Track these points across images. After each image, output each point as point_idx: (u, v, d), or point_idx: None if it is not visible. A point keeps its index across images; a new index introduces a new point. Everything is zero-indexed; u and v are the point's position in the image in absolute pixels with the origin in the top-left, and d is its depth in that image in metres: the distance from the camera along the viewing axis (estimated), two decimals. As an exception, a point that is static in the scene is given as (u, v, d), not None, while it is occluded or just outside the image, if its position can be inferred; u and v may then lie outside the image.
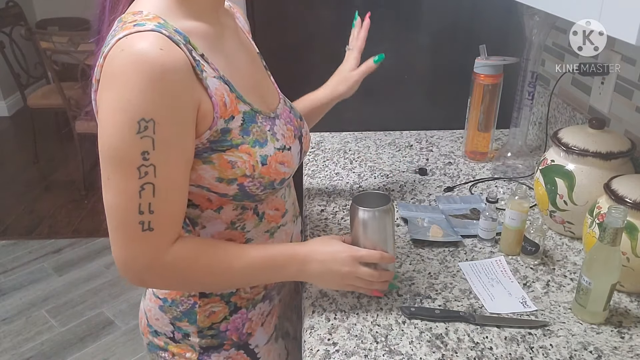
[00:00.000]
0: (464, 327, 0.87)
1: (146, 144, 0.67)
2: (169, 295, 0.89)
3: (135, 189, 0.69)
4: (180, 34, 0.71)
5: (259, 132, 0.80)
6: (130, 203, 0.69)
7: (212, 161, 0.76)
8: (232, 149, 0.76)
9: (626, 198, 0.88)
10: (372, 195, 0.90)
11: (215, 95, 0.74)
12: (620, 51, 1.13)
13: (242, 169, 0.77)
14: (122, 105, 0.66)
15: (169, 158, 0.70)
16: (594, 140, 1.02)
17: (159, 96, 0.67)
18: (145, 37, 0.67)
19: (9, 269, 2.71)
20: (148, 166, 0.68)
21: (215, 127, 0.74)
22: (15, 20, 3.76)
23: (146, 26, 0.69)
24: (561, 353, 0.81)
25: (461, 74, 1.44)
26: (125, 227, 0.71)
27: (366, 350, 0.82)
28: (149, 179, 0.69)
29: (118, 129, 0.67)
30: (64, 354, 2.19)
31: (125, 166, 0.68)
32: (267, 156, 0.79)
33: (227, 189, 0.78)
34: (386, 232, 0.88)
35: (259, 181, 0.79)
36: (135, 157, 0.68)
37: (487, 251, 1.06)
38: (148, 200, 0.70)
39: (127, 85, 0.66)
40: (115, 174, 0.69)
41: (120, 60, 0.66)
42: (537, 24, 1.22)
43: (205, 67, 0.73)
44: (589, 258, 0.85)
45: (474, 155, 1.43)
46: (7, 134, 4.35)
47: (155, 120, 0.67)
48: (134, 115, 0.66)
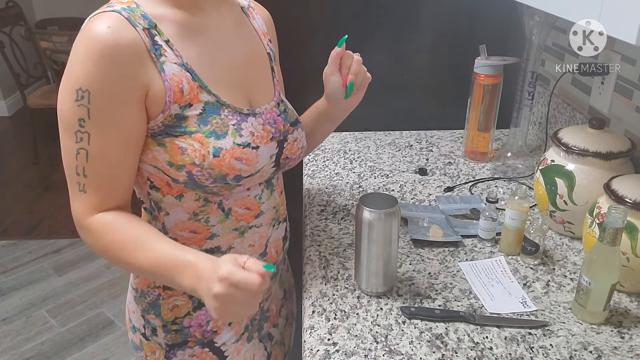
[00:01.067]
0: (464, 327, 0.87)
1: (82, 112, 0.73)
2: (139, 285, 0.91)
3: (73, 151, 0.75)
4: (146, 19, 0.76)
5: (220, 124, 0.80)
6: (71, 162, 0.76)
7: (164, 144, 0.78)
8: (184, 135, 0.78)
9: (626, 198, 0.88)
10: (378, 196, 0.90)
11: (170, 80, 0.76)
12: (620, 51, 1.13)
13: (191, 157, 0.78)
14: (68, 74, 0.73)
15: (104, 129, 0.74)
16: (594, 140, 1.02)
17: (96, 69, 0.71)
18: (102, 17, 0.73)
19: (9, 269, 2.71)
20: (83, 132, 0.74)
21: (168, 111, 0.77)
22: (15, 20, 3.76)
23: (113, 7, 0.75)
24: (561, 353, 0.81)
25: (461, 74, 1.45)
26: (70, 182, 0.78)
27: (366, 350, 0.82)
28: (84, 145, 0.74)
29: (62, 94, 0.74)
30: (64, 354, 2.19)
31: (66, 128, 0.75)
32: (222, 149, 0.79)
33: (177, 174, 0.80)
34: (391, 234, 0.88)
35: (208, 172, 0.79)
36: (73, 122, 0.74)
37: (487, 251, 1.06)
38: (82, 164, 0.76)
39: (74, 56, 0.73)
40: (61, 133, 0.76)
41: (79, 37, 0.74)
42: (537, 24, 1.22)
43: (167, 53, 0.77)
44: (589, 258, 0.85)
45: (474, 155, 1.43)
46: (7, 134, 4.35)
47: (90, 91, 0.72)
48: (74, 84, 0.72)
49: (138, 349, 0.96)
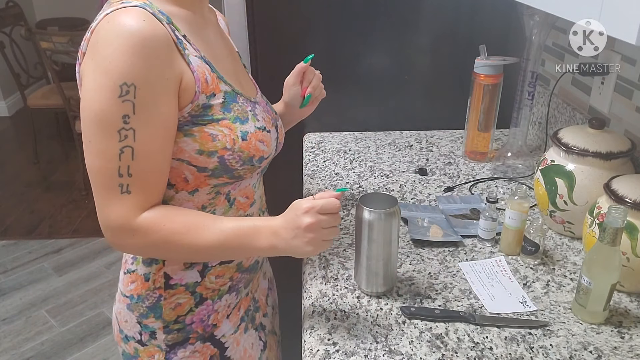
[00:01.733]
0: (464, 327, 0.87)
1: (127, 107, 0.71)
2: (134, 292, 0.90)
3: (115, 151, 0.72)
4: (163, 15, 0.75)
5: (240, 110, 0.84)
6: (110, 165, 0.73)
7: (193, 134, 0.79)
8: (213, 122, 0.79)
9: (626, 198, 0.88)
10: (378, 196, 0.90)
11: (197, 71, 0.77)
12: (620, 51, 1.13)
13: (222, 142, 0.80)
14: (105, 70, 0.70)
15: (149, 123, 0.73)
16: (594, 140, 1.02)
17: (140, 62, 0.70)
18: (130, 11, 0.72)
19: (9, 269, 2.71)
20: (128, 129, 0.71)
21: (196, 101, 0.78)
22: (15, 20, 3.76)
23: (131, 3, 0.73)
24: (561, 353, 0.81)
25: (461, 74, 1.45)
26: (106, 188, 0.74)
27: (366, 350, 0.82)
28: (129, 142, 0.72)
29: (100, 92, 0.70)
30: (64, 354, 2.20)
31: (106, 129, 0.71)
32: (248, 132, 0.83)
33: (208, 161, 0.80)
34: (391, 234, 0.88)
35: (239, 155, 0.82)
36: (116, 120, 0.71)
37: (487, 251, 1.06)
38: (127, 163, 0.73)
39: (110, 51, 0.70)
40: (96, 136, 0.72)
41: (105, 31, 0.71)
42: (537, 24, 1.22)
43: (187, 46, 0.78)
44: (589, 258, 0.85)
45: (474, 155, 1.43)
46: (7, 134, 4.35)
47: (136, 85, 0.70)
48: (117, 80, 0.69)
49: (132, 357, 0.95)
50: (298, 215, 0.77)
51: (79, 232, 2.99)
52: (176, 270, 0.88)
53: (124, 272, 0.93)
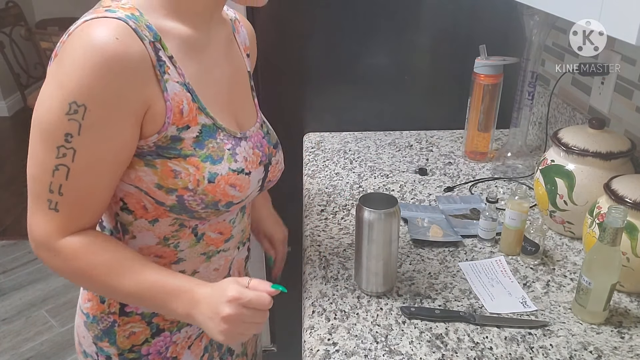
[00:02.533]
0: (464, 327, 0.87)
1: (72, 126, 0.66)
2: (90, 311, 0.85)
3: (51, 166, 0.68)
4: (151, 31, 0.69)
5: (216, 148, 0.76)
6: (43, 177, 0.69)
7: (154, 165, 0.73)
8: (179, 158, 0.73)
9: (626, 198, 0.88)
10: (378, 196, 0.90)
11: (171, 100, 0.71)
12: (620, 51, 1.13)
13: (184, 181, 0.73)
14: (61, 83, 0.66)
15: (93, 147, 0.68)
16: (594, 140, 1.02)
17: (99, 83, 0.65)
18: (106, 24, 0.66)
19: (9, 269, 2.71)
20: (68, 148, 0.67)
21: (164, 132, 0.71)
22: (15, 20, 3.76)
23: (115, 13, 0.67)
24: (561, 353, 0.81)
25: (461, 74, 1.45)
26: (36, 197, 0.70)
27: (366, 350, 0.82)
28: (66, 161, 0.67)
29: (50, 103, 0.66)
30: (63, 354, 2.19)
31: (47, 140, 0.67)
32: (217, 174, 0.75)
33: (165, 197, 0.74)
34: (391, 234, 0.88)
35: (201, 198, 0.75)
36: (58, 135, 0.66)
37: (487, 251, 1.06)
38: (59, 181, 0.68)
39: (72, 64, 0.65)
40: (37, 144, 0.68)
41: (76, 41, 0.66)
42: (537, 24, 1.22)
43: (170, 70, 0.71)
44: (588, 258, 0.85)
45: (474, 155, 1.43)
46: (7, 134, 4.35)
47: (87, 106, 0.65)
48: (68, 96, 0.65)
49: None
50: (221, 301, 0.69)
51: (78, 232, 2.99)
52: None
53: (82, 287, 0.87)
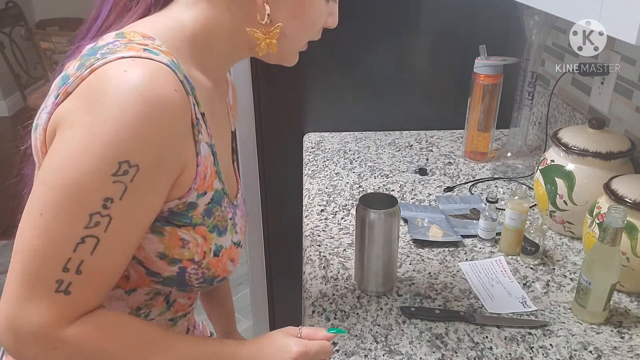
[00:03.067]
0: (464, 327, 0.87)
1: (116, 190, 0.54)
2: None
3: (74, 238, 0.54)
4: (189, 83, 0.60)
5: (221, 217, 0.68)
6: (58, 252, 0.55)
7: (162, 233, 0.63)
8: (188, 226, 0.64)
9: (626, 198, 0.88)
10: (378, 196, 0.90)
11: (202, 164, 0.63)
12: (620, 51, 1.13)
13: (192, 252, 0.65)
14: (108, 138, 0.53)
15: (130, 216, 0.57)
16: (594, 140, 1.02)
17: (155, 142, 0.55)
18: (158, 70, 0.55)
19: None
20: (103, 216, 0.55)
21: (186, 198, 0.62)
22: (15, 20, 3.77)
23: (160, 57, 0.57)
24: (561, 353, 0.81)
25: (461, 74, 1.45)
26: (35, 279, 0.55)
27: (366, 350, 0.82)
28: (97, 231, 0.55)
29: (91, 162, 0.53)
30: (64, 354, 2.19)
31: (75, 207, 0.54)
32: (222, 247, 0.68)
33: (165, 268, 0.65)
34: (391, 234, 0.88)
35: (203, 272, 0.67)
36: (94, 200, 0.54)
37: (487, 251, 1.06)
38: (81, 257, 0.55)
39: (122, 116, 0.53)
40: (53, 212, 0.54)
41: (121, 84, 0.54)
42: (537, 24, 1.22)
43: (202, 129, 0.62)
44: (588, 258, 0.85)
45: (474, 155, 1.43)
46: (7, 134, 4.35)
47: (139, 167, 0.54)
48: (121, 154, 0.53)
49: None
50: (287, 357, 0.66)
51: (79, 232, 2.99)
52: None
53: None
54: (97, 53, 0.58)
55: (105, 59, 0.56)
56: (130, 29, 0.62)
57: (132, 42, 0.58)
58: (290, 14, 0.67)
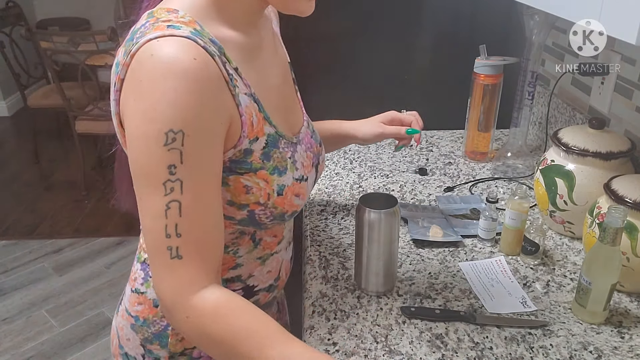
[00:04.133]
0: (464, 327, 0.87)
1: (173, 156, 0.61)
2: (140, 314, 0.83)
3: (162, 207, 0.62)
4: (215, 44, 0.66)
5: (280, 158, 0.74)
6: (157, 224, 0.63)
7: (227, 183, 0.71)
8: (249, 172, 0.71)
9: (626, 198, 0.88)
10: (378, 196, 0.90)
11: (245, 113, 0.69)
12: (620, 51, 1.13)
13: (256, 196, 0.72)
14: (150, 116, 0.61)
15: (198, 173, 0.64)
16: (594, 140, 1.02)
17: (188, 107, 0.62)
18: (177, 44, 0.62)
19: (10, 269, 2.71)
20: (174, 181, 0.62)
21: (240, 146, 0.69)
22: (15, 20, 3.76)
23: (181, 30, 0.63)
24: (561, 353, 0.81)
25: (461, 74, 1.44)
26: (156, 253, 0.64)
27: (366, 350, 0.82)
28: (175, 195, 0.62)
29: (146, 142, 0.62)
30: (64, 354, 2.20)
31: (150, 181, 0.62)
32: (285, 186, 0.74)
33: (236, 213, 0.73)
34: (392, 234, 0.88)
35: (271, 211, 0.74)
36: (161, 171, 0.62)
37: (487, 251, 1.06)
38: (174, 220, 0.62)
39: (155, 94, 0.61)
40: (144, 193, 0.64)
41: (149, 66, 0.62)
42: (537, 24, 1.22)
43: (238, 82, 0.68)
44: (588, 258, 0.85)
45: (474, 155, 1.43)
46: (7, 134, 4.36)
47: (184, 132, 0.61)
48: (162, 126, 0.61)
49: None
50: None
51: (79, 232, 2.99)
52: None
53: (131, 289, 0.85)
54: (133, 38, 0.65)
55: (138, 44, 0.63)
56: (159, 6, 0.69)
57: (158, 21, 0.65)
58: None
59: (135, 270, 0.85)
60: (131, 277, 0.86)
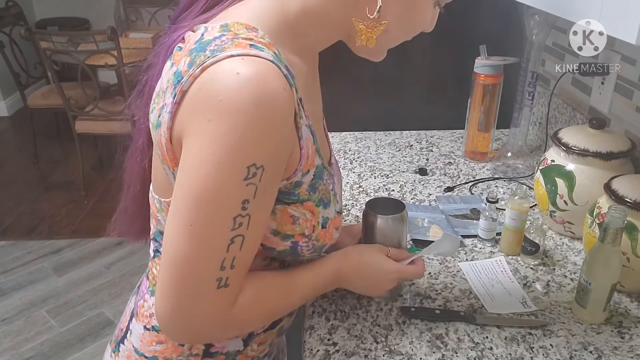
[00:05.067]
0: (464, 327, 0.86)
1: (249, 191, 0.59)
2: (160, 354, 0.77)
3: (225, 241, 0.60)
4: (290, 73, 0.61)
5: (324, 190, 0.72)
6: (214, 257, 0.60)
7: (274, 212, 0.67)
8: (297, 203, 0.68)
9: (626, 198, 0.88)
10: (385, 201, 0.89)
11: (304, 147, 0.65)
12: (620, 51, 1.13)
13: (302, 227, 0.70)
14: (233, 145, 0.56)
15: (264, 209, 0.63)
16: (594, 140, 1.02)
17: (274, 141, 0.59)
18: (267, 68, 0.58)
19: (9, 269, 2.70)
20: (244, 216, 0.60)
21: (293, 178, 0.66)
22: (15, 20, 3.76)
23: (264, 53, 0.59)
24: (561, 353, 0.81)
25: (461, 74, 1.44)
26: (197, 283, 0.61)
27: (366, 350, 0.82)
28: (242, 230, 0.60)
29: (223, 171, 0.57)
30: (63, 354, 2.19)
31: (220, 214, 0.59)
32: (328, 219, 0.72)
33: (279, 243, 0.70)
34: (400, 238, 0.87)
35: (313, 243, 0.72)
36: (235, 205, 0.59)
37: (487, 251, 1.06)
38: (234, 254, 0.61)
39: (242, 122, 0.56)
40: (202, 221, 0.59)
41: (235, 88, 0.56)
42: (537, 24, 1.22)
43: (302, 113, 0.64)
44: (589, 258, 0.85)
45: (474, 155, 1.43)
46: (6, 134, 4.35)
47: (265, 168, 0.58)
48: (246, 160, 0.57)
49: None
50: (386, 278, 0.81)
51: (78, 232, 2.99)
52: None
53: (144, 326, 0.78)
54: (206, 49, 0.59)
55: (215, 57, 0.57)
56: (234, 20, 0.63)
57: (237, 37, 0.60)
58: (399, 14, 0.69)
59: (150, 305, 0.78)
60: (140, 312, 0.79)
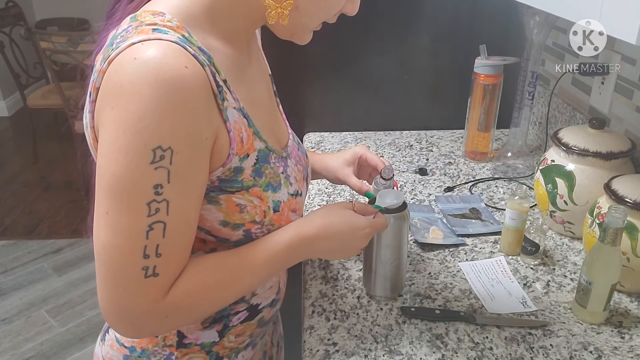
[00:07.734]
0: (464, 327, 0.86)
1: (160, 175, 0.57)
2: (138, 344, 0.76)
3: (142, 228, 0.58)
4: (204, 53, 0.61)
5: (272, 174, 0.71)
6: (134, 245, 0.59)
7: (218, 202, 0.67)
8: (242, 191, 0.67)
9: (626, 198, 0.88)
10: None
11: (233, 129, 0.64)
12: (620, 51, 1.13)
13: (251, 214, 0.69)
14: (135, 128, 0.55)
15: (185, 193, 0.60)
16: (594, 140, 1.02)
17: (180, 121, 0.57)
18: (167, 48, 0.57)
19: (9, 269, 2.70)
20: (160, 202, 0.58)
21: (229, 164, 0.65)
22: (14, 20, 3.76)
23: (168, 35, 0.58)
24: (561, 353, 0.81)
25: (461, 74, 1.44)
26: (124, 273, 0.60)
27: (366, 350, 0.82)
28: (160, 216, 0.58)
29: (127, 155, 0.56)
30: (63, 354, 2.19)
31: (132, 200, 0.57)
32: (280, 202, 0.72)
33: (231, 234, 0.69)
34: (401, 238, 0.87)
35: (268, 228, 0.71)
36: (146, 190, 0.57)
37: (487, 251, 1.06)
38: (156, 241, 0.59)
39: (142, 104, 0.55)
40: (117, 209, 0.58)
41: (131, 70, 0.56)
42: (537, 24, 1.22)
43: (227, 96, 0.64)
44: (589, 258, 0.85)
45: (474, 155, 1.43)
46: (6, 134, 4.35)
47: (173, 149, 0.57)
48: (149, 142, 0.56)
49: None
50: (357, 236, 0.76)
51: (78, 232, 2.98)
52: (192, 329, 0.76)
53: None
54: (113, 43, 0.60)
55: (119, 48, 0.57)
56: (143, 9, 0.63)
57: (141, 25, 0.60)
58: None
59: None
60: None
